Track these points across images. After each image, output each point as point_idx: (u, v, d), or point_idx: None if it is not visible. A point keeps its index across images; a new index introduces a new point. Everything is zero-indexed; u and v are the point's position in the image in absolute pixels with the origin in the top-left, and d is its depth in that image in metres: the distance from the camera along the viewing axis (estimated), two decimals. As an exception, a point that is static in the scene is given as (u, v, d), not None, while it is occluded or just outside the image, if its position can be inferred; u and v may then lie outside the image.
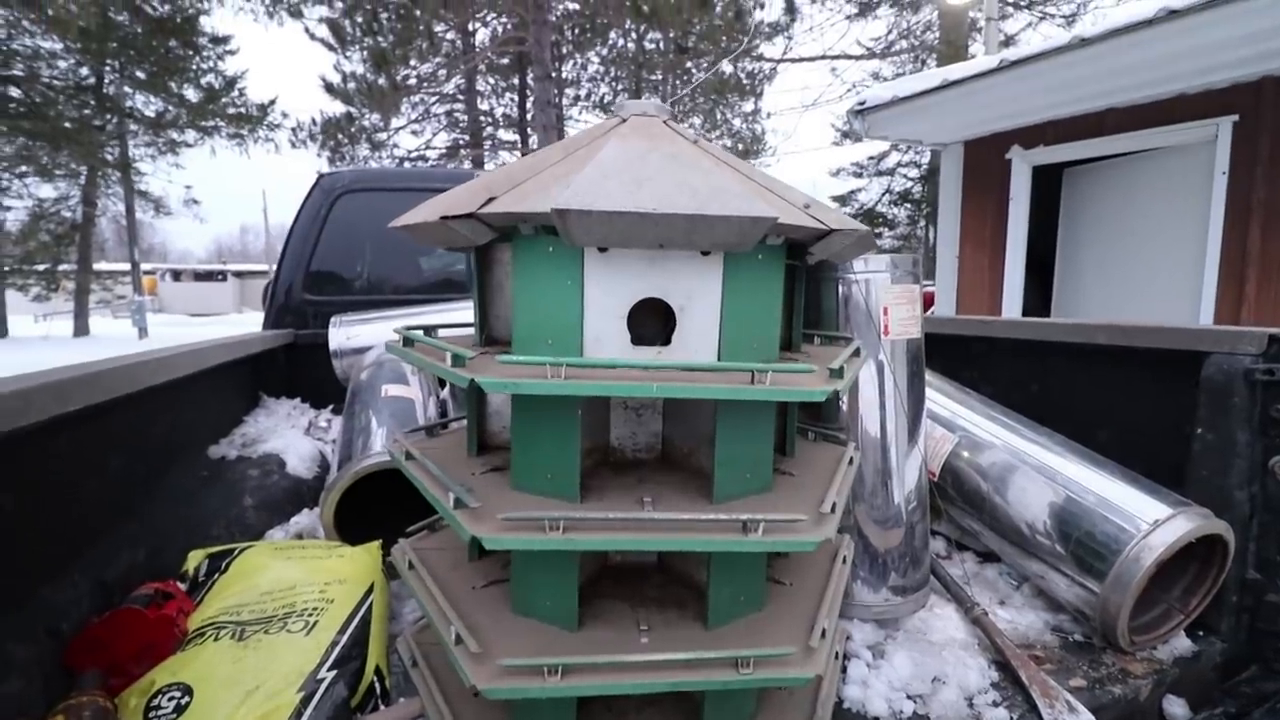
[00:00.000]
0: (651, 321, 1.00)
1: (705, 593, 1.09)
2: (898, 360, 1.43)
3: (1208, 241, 3.51)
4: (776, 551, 1.11)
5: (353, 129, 14.58)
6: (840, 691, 1.20)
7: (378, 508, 1.73)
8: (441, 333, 1.19)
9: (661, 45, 17.62)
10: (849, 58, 10.58)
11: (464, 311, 2.91)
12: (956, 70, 3.93)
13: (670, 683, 0.89)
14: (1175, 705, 1.28)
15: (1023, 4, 9.77)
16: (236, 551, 1.42)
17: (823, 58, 10.48)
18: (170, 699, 1.01)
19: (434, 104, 16.77)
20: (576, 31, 18.18)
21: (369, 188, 3.22)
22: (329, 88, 12.26)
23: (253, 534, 1.65)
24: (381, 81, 11.96)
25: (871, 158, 15.39)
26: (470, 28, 16.09)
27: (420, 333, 1.13)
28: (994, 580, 1.61)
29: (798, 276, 1.19)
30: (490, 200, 0.88)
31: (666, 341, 0.94)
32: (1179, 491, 1.40)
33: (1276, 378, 1.29)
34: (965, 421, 1.78)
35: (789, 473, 1.13)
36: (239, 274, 35.76)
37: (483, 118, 19.38)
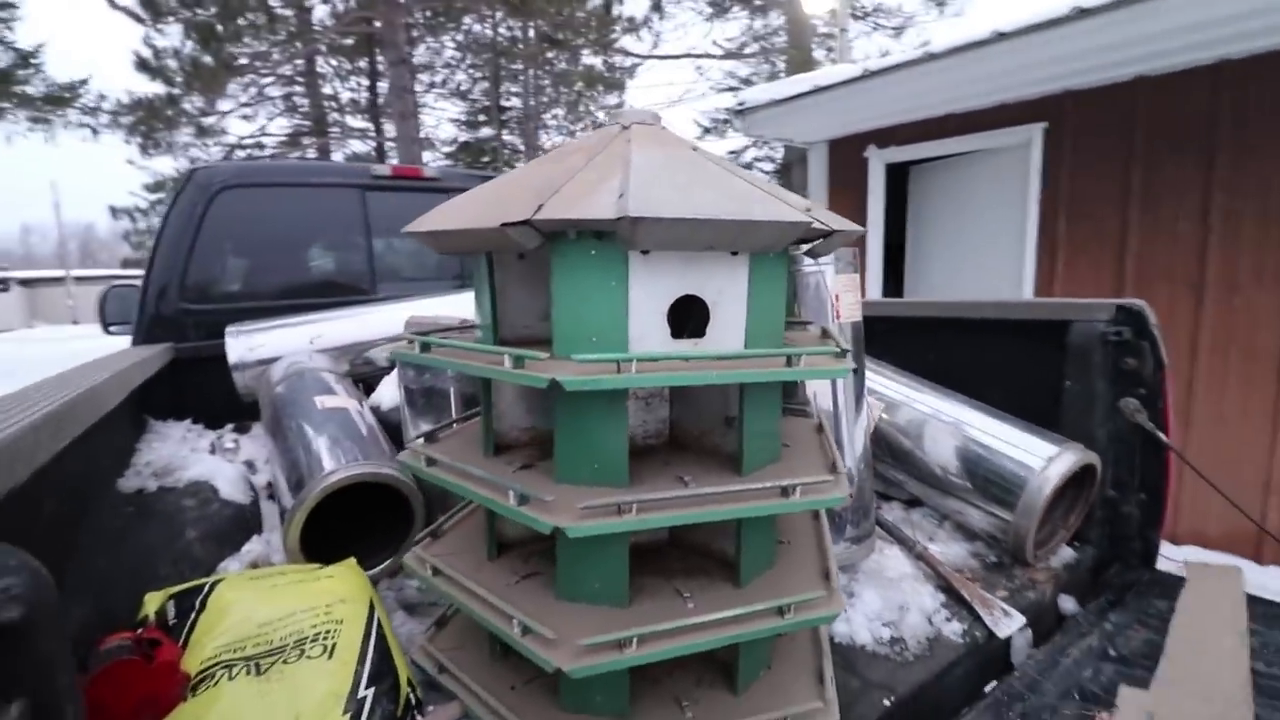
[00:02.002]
0: (679, 316, 1.09)
1: (725, 559, 1.21)
2: (845, 341, 1.63)
3: (1027, 229, 4.20)
4: (809, 510, 1.25)
5: (169, 112, 12.83)
6: (830, 629, 1.38)
7: (325, 527, 1.65)
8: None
9: (521, 34, 17.29)
10: (710, 57, 11.13)
11: (371, 315, 2.78)
12: (825, 76, 4.34)
13: (730, 636, 0.99)
14: (1067, 601, 1.61)
15: (859, 15, 10.86)
16: (206, 587, 1.30)
17: (687, 55, 10.93)
18: (202, 745, 0.94)
19: (269, 85, 15.20)
20: (429, 14, 17.31)
21: (253, 183, 2.94)
22: (143, 64, 10.66)
23: (203, 568, 1.51)
24: (207, 59, 10.63)
25: (732, 153, 16.26)
26: (306, 3, 14.77)
27: (434, 336, 1.13)
28: (920, 521, 1.88)
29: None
30: (540, 207, 0.91)
31: (700, 334, 1.03)
32: (1054, 432, 1.74)
33: (1122, 338, 1.65)
34: (881, 388, 2.04)
35: (784, 444, 1.27)
36: (26, 282, 29.99)
37: (327, 103, 17.89)
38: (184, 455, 2.07)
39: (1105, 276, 3.85)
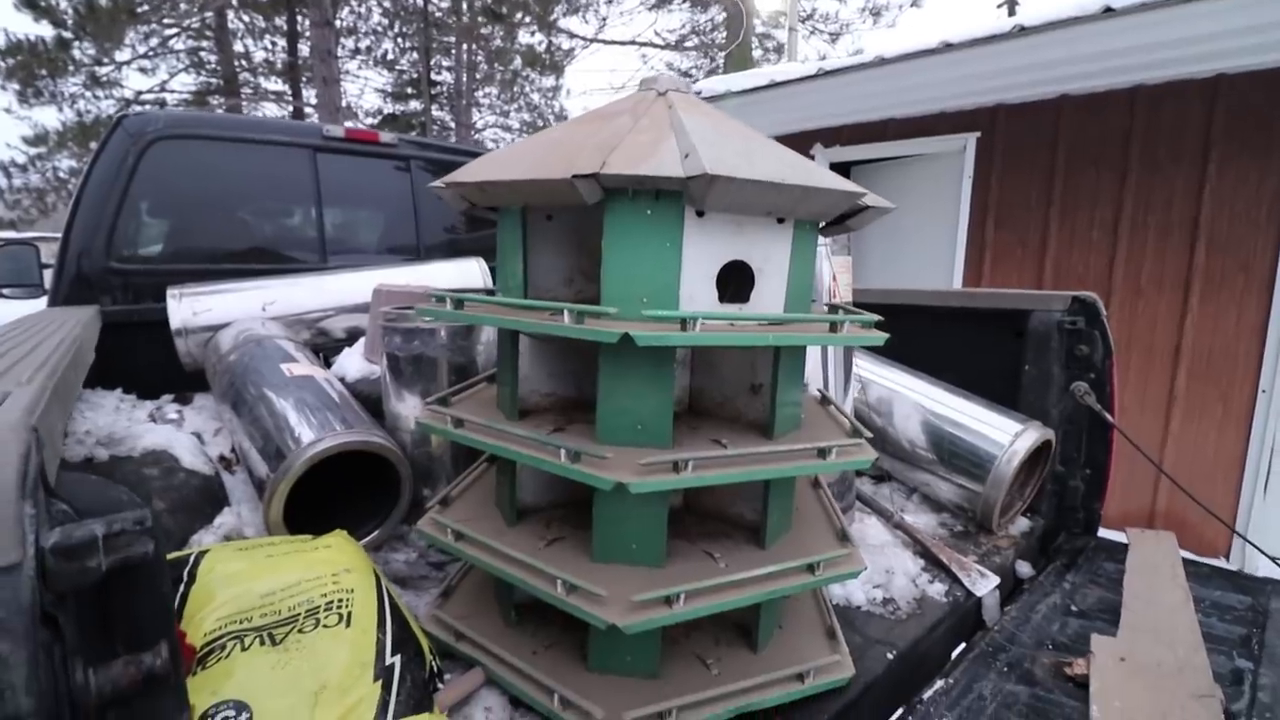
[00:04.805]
0: (719, 281, 1.10)
1: (741, 523, 1.25)
2: (839, 319, 1.70)
3: (959, 230, 4.50)
4: (847, 470, 1.29)
5: (51, 57, 11.46)
6: (828, 592, 1.45)
7: (299, 500, 1.56)
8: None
9: (454, 5, 16.62)
10: (653, 45, 11.16)
11: (327, 281, 2.63)
12: (781, 72, 4.46)
13: (767, 592, 1.03)
14: (1023, 566, 1.76)
15: (800, 17, 11.20)
16: (191, 559, 1.21)
17: (632, 43, 10.91)
18: (224, 719, 0.88)
19: (173, 37, 13.90)
20: (353, -25, 16.33)
21: (191, 134, 2.69)
22: (28, 1, 9.45)
23: (175, 541, 1.40)
24: (104, 1, 9.56)
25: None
26: (218, -49, 13.61)
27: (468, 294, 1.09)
28: (889, 495, 2.00)
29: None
30: (604, 163, 0.90)
31: (744, 298, 1.05)
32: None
33: (1076, 326, 1.81)
34: (854, 366, 2.14)
35: (798, 414, 1.32)
36: None
37: (238, 61, 16.57)
38: (125, 425, 1.89)
39: (1027, 278, 4.18)
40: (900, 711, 1.17)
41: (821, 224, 1.23)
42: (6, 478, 0.35)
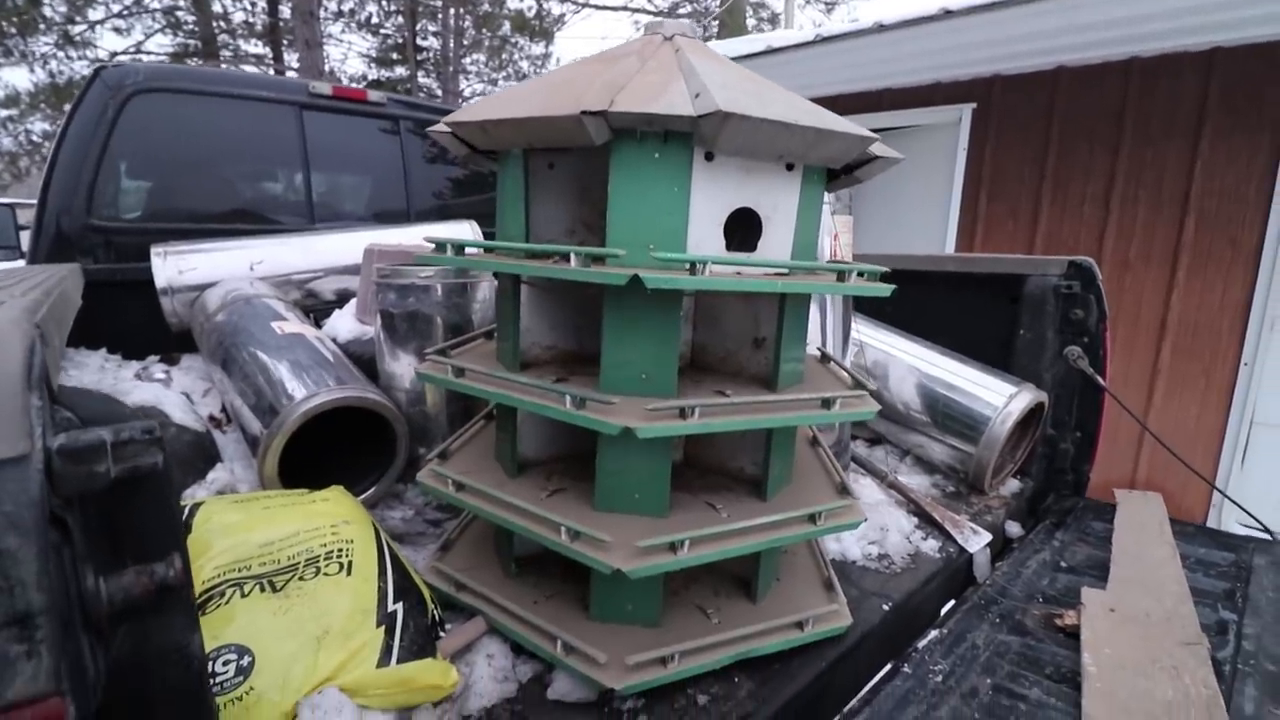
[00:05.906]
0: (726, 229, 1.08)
1: (741, 476, 1.25)
2: (839, 280, 1.69)
3: (952, 202, 4.49)
4: (850, 422, 1.29)
5: (21, 14, 11.01)
6: (825, 547, 1.46)
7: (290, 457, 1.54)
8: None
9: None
10: (645, 12, 10.92)
11: (317, 241, 2.57)
12: (779, 38, 4.38)
13: (770, 540, 1.03)
14: (1013, 526, 1.79)
15: (795, -14, 10.99)
16: (186, 510, 1.20)
17: (624, 9, 10.67)
18: (226, 663, 0.88)
19: (148, -4, 13.37)
20: (335, -67, 15.79)
21: (172, 88, 2.60)
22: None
23: (167, 495, 1.37)
24: (72, -46, 9.15)
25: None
26: (192, -96, 13.08)
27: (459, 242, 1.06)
28: (883, 457, 2.02)
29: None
30: (612, 101, 0.88)
31: (751, 247, 1.04)
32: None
33: (1072, 291, 1.82)
34: (851, 332, 2.15)
35: (799, 370, 1.32)
36: None
37: (217, 22, 16.02)
38: (111, 383, 1.86)
39: (1019, 249, 4.19)
40: (896, 660, 1.19)
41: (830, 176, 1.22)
42: (11, 369, 0.33)
